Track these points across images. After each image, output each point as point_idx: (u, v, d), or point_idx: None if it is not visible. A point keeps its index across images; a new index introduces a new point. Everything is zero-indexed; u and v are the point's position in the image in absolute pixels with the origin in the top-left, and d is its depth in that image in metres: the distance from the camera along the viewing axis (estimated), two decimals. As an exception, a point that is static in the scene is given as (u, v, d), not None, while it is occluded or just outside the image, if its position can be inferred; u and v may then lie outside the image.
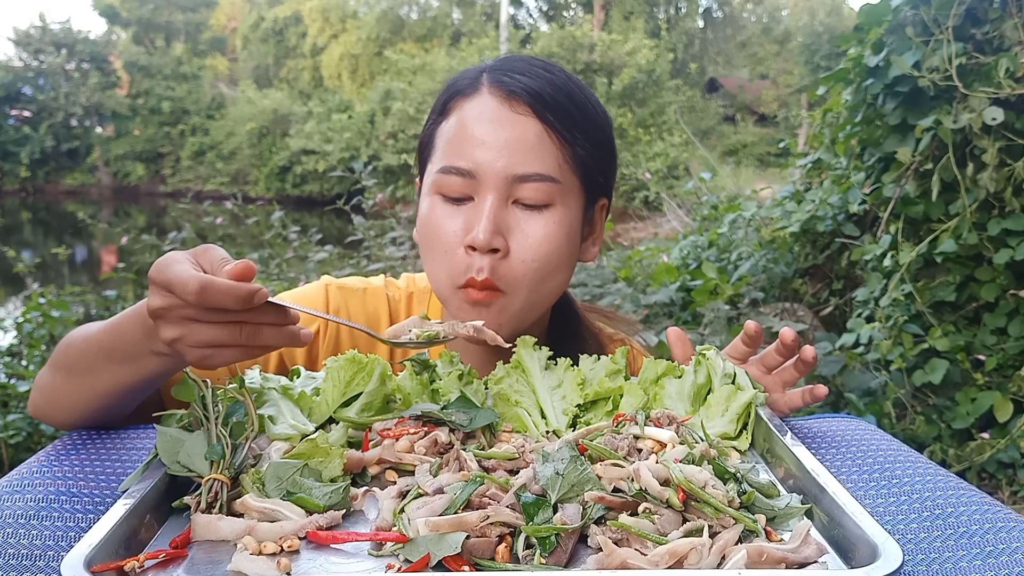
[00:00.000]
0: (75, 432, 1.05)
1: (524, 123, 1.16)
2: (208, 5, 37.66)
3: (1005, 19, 3.23)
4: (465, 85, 1.21)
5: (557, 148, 1.17)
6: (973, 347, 3.55)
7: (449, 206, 1.18)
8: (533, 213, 1.17)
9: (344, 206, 5.37)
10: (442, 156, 1.19)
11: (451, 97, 1.22)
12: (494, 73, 1.20)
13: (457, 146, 1.17)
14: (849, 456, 0.98)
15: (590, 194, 1.25)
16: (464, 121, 1.18)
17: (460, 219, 1.17)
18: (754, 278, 4.52)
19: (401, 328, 1.03)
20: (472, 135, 1.16)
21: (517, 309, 1.19)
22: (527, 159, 1.15)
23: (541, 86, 1.17)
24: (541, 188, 1.16)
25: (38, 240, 17.79)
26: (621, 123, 21.43)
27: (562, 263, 1.21)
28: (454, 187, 1.17)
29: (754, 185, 7.41)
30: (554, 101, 1.17)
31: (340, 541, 0.74)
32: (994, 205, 3.39)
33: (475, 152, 1.15)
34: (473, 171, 1.15)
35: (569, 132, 1.18)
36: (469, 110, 1.18)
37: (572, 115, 1.18)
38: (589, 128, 1.21)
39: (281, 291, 1.39)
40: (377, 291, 1.38)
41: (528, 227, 1.16)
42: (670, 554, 0.68)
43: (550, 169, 1.16)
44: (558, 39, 23.01)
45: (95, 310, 5.34)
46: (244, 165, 28.75)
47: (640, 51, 23.45)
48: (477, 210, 1.15)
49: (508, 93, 1.17)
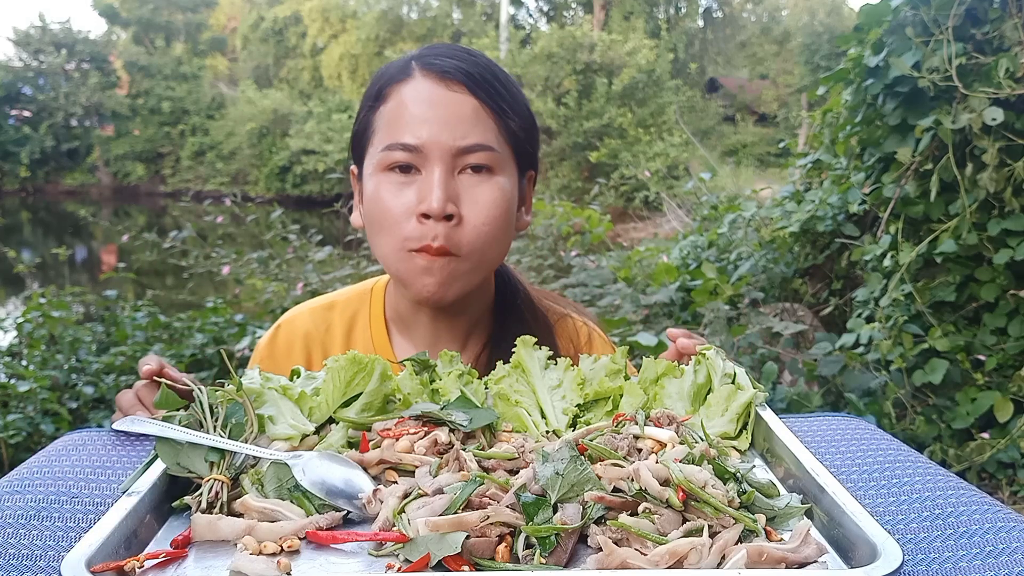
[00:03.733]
0: (75, 432, 1.05)
1: (460, 100, 1.24)
2: (208, 5, 37.63)
3: (1005, 19, 3.23)
4: (396, 71, 1.29)
5: (492, 121, 1.26)
6: (973, 347, 3.55)
7: (397, 182, 1.24)
8: (479, 181, 1.24)
9: (343, 209, 5.37)
10: (385, 136, 1.25)
11: (385, 84, 1.29)
12: (423, 59, 1.28)
13: (401, 125, 1.24)
14: (849, 456, 0.98)
15: (521, 165, 1.34)
16: (404, 102, 1.25)
17: (410, 192, 1.23)
18: (754, 278, 4.52)
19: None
20: (414, 114, 1.23)
21: (464, 271, 1.26)
22: (468, 131, 1.23)
23: (470, 66, 1.26)
24: (483, 157, 1.24)
25: (38, 240, 17.78)
26: (621, 123, 21.42)
27: (507, 228, 1.30)
28: (402, 161, 1.23)
29: (754, 185, 7.41)
30: (483, 79, 1.26)
31: (340, 541, 0.74)
32: (994, 205, 3.39)
33: (419, 128, 1.22)
34: (419, 146, 1.22)
35: (499, 106, 1.27)
36: (407, 92, 1.25)
37: (499, 91, 1.28)
38: (515, 103, 1.30)
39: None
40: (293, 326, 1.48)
41: (476, 194, 1.24)
42: (670, 554, 0.68)
43: (489, 140, 1.25)
44: (558, 39, 22.98)
45: (95, 310, 5.34)
46: (244, 165, 28.74)
47: (640, 51, 23.42)
48: (427, 182, 1.22)
49: (442, 73, 1.25)
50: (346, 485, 0.82)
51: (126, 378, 4.19)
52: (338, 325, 1.45)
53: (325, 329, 1.45)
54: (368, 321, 1.44)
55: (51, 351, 4.36)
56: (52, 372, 4.08)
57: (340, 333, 1.44)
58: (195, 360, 4.46)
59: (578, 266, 5.41)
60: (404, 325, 1.42)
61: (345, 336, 1.44)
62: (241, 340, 4.44)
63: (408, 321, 1.41)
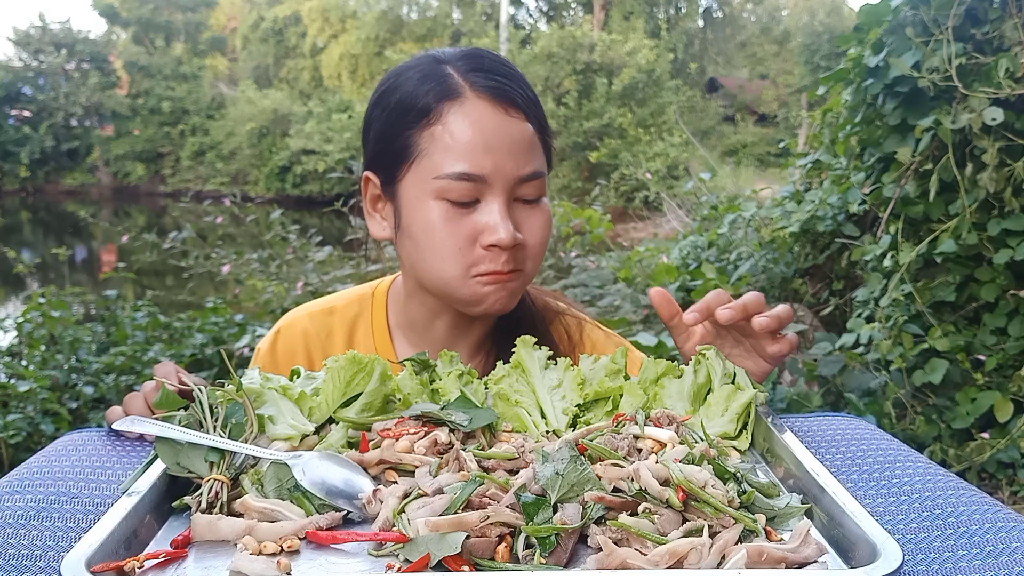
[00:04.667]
0: (75, 432, 1.05)
1: (520, 127, 1.22)
2: (208, 5, 37.64)
3: (1005, 19, 3.22)
4: (442, 88, 1.21)
5: (540, 144, 1.27)
6: (973, 347, 3.55)
7: (456, 210, 1.21)
8: (532, 207, 1.26)
9: (343, 207, 5.37)
10: (441, 162, 1.20)
11: (432, 101, 1.21)
12: (471, 76, 1.21)
13: (459, 152, 1.19)
14: (849, 456, 0.98)
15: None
16: (462, 127, 1.19)
17: (469, 221, 1.22)
18: (754, 278, 4.52)
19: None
20: (475, 142, 1.19)
21: (525, 283, 1.31)
22: (528, 160, 1.23)
23: (520, 86, 1.25)
24: (538, 184, 1.25)
25: (38, 240, 17.79)
26: (621, 123, 21.42)
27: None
28: (462, 192, 1.20)
29: (754, 185, 7.41)
30: (533, 100, 1.26)
31: (340, 541, 0.74)
32: (994, 205, 3.39)
33: (483, 158, 1.19)
34: (484, 176, 1.20)
35: (545, 126, 1.28)
36: (463, 116, 1.19)
37: (541, 109, 1.28)
38: (544, 117, 1.30)
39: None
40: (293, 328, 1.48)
41: (531, 219, 1.26)
42: (670, 554, 0.68)
43: (541, 165, 1.26)
44: (558, 39, 22.99)
45: (95, 310, 5.35)
46: (244, 165, 28.76)
47: (640, 51, 23.43)
48: (490, 212, 1.21)
49: (498, 97, 1.21)
50: (346, 485, 0.82)
51: (126, 378, 4.19)
52: (339, 330, 1.44)
53: (326, 334, 1.44)
54: (370, 327, 1.44)
55: (51, 351, 4.37)
56: (52, 372, 4.08)
57: (341, 338, 1.43)
58: (195, 360, 4.46)
59: (578, 266, 5.41)
60: (415, 332, 1.41)
61: (346, 341, 1.43)
62: (240, 339, 4.44)
63: (421, 328, 1.40)
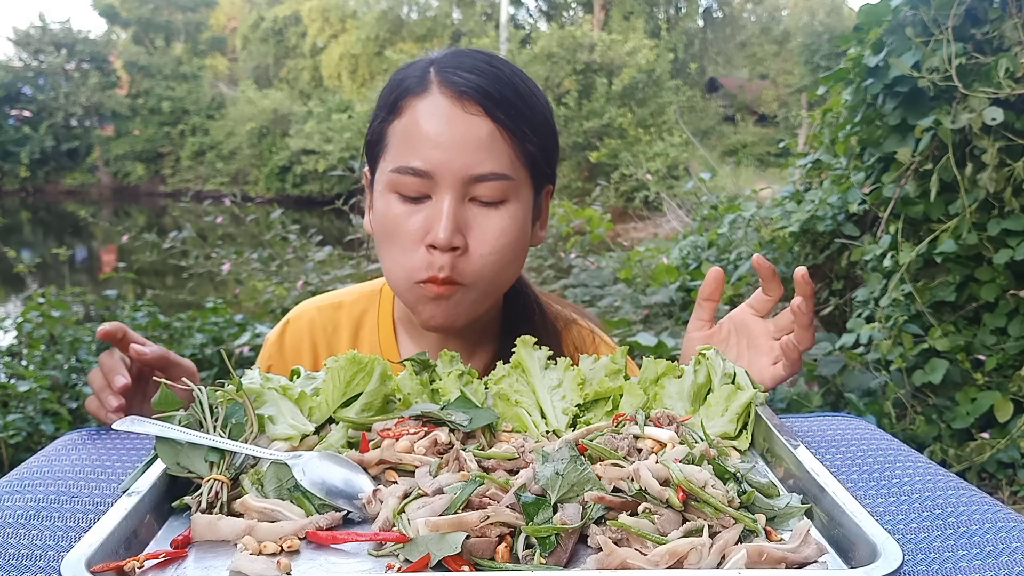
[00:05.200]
0: (75, 432, 1.05)
1: (477, 123, 1.17)
2: (208, 5, 37.65)
3: (1005, 19, 3.22)
4: (414, 83, 1.21)
5: (508, 146, 1.19)
6: (973, 347, 3.55)
7: (407, 204, 1.20)
8: (489, 210, 1.20)
9: (343, 206, 5.37)
10: (396, 155, 1.20)
11: (401, 95, 1.22)
12: (443, 72, 1.20)
13: (412, 145, 1.18)
14: (849, 456, 0.98)
15: (537, 184, 1.29)
16: (417, 120, 1.19)
17: (419, 217, 1.19)
18: (754, 278, 4.52)
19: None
20: (426, 135, 1.17)
21: (472, 299, 1.24)
22: (482, 159, 1.17)
23: (490, 84, 1.19)
24: (496, 186, 1.19)
25: (38, 240, 17.79)
26: (621, 123, 21.43)
27: (517, 254, 1.26)
28: (410, 186, 1.19)
29: (754, 185, 7.41)
30: (503, 98, 1.19)
31: (340, 541, 0.74)
32: (994, 205, 3.39)
33: (430, 152, 1.17)
34: (430, 171, 1.17)
35: (519, 128, 1.20)
36: (421, 109, 1.19)
37: (520, 111, 1.21)
38: (536, 121, 1.23)
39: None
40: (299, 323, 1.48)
41: (485, 223, 1.20)
42: (670, 554, 0.68)
43: (503, 167, 1.19)
44: (558, 39, 22.99)
45: (95, 310, 5.34)
46: (244, 165, 28.76)
47: (640, 51, 23.43)
48: (436, 209, 1.18)
49: (459, 92, 1.18)
50: (346, 485, 0.82)
51: (126, 378, 4.18)
52: (345, 325, 1.44)
53: (333, 329, 1.45)
54: (376, 323, 1.44)
55: (51, 351, 4.36)
56: (52, 372, 4.08)
57: (347, 334, 1.44)
58: (195, 360, 4.46)
59: (578, 267, 5.42)
60: (414, 329, 1.41)
61: (352, 337, 1.43)
62: (240, 339, 4.44)
63: (417, 326, 1.40)
